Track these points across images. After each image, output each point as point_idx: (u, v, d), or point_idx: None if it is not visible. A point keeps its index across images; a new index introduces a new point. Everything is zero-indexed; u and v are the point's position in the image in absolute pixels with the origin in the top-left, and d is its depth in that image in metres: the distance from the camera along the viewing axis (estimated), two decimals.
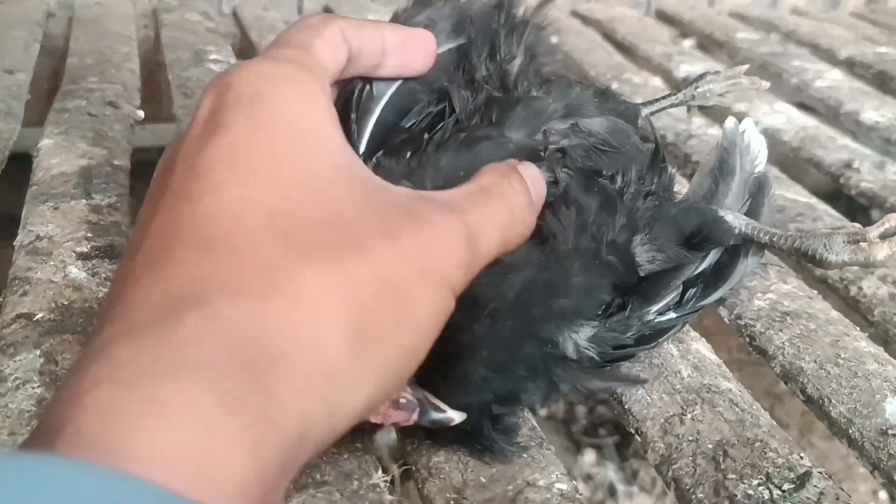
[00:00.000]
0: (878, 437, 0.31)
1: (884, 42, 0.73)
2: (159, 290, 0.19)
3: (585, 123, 0.32)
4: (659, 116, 0.57)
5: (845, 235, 0.32)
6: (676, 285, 0.32)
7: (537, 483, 0.28)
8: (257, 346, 0.18)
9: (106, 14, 0.70)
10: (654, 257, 0.32)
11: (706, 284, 0.33)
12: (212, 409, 0.17)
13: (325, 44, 0.26)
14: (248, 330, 0.18)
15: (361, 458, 0.29)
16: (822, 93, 0.62)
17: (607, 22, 0.77)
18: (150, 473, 0.15)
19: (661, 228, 0.31)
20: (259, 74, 0.23)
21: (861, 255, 0.32)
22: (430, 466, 0.29)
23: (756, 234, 0.33)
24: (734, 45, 0.72)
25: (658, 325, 0.32)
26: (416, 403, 0.26)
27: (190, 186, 0.21)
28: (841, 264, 0.32)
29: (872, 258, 0.32)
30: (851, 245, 0.32)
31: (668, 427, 0.31)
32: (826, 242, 0.32)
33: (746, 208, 0.35)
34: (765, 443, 0.30)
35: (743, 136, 0.35)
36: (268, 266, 0.19)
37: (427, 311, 0.22)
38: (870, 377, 0.33)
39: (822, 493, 0.28)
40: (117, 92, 0.55)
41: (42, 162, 0.46)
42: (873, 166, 0.50)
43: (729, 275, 0.33)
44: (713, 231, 0.32)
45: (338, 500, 0.27)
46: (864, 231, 0.32)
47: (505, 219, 0.25)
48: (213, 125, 0.22)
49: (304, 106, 0.23)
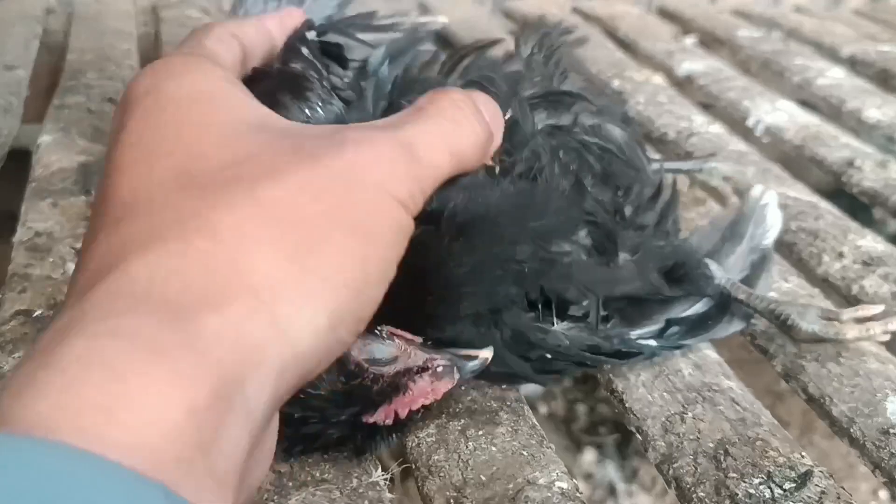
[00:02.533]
0: (879, 437, 0.30)
1: (886, 40, 0.73)
2: (87, 271, 0.20)
3: (609, 129, 0.34)
4: (660, 114, 0.57)
5: (819, 310, 0.34)
6: (659, 320, 0.33)
7: (538, 481, 0.28)
8: (174, 289, 0.19)
9: (106, 10, 0.70)
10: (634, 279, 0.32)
11: (689, 329, 0.33)
12: (121, 355, 0.17)
13: (215, 41, 0.27)
14: (161, 277, 0.19)
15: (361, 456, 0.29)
16: (824, 91, 0.61)
17: (608, 19, 0.77)
18: (54, 431, 0.15)
19: (646, 254, 0.33)
20: (153, 70, 0.24)
21: (832, 331, 0.34)
22: (429, 465, 0.29)
23: (734, 291, 0.34)
24: (736, 43, 0.72)
25: (637, 346, 0.32)
26: (451, 365, 0.27)
27: (107, 181, 0.22)
28: (811, 335, 0.34)
29: (842, 335, 0.34)
30: (824, 320, 0.34)
31: (669, 426, 0.31)
32: (801, 311, 0.34)
33: (744, 276, 0.36)
34: (766, 442, 0.30)
35: (762, 207, 0.37)
36: (181, 217, 0.20)
37: (373, 219, 0.22)
38: (871, 376, 0.33)
39: (823, 493, 0.28)
40: (117, 88, 0.54)
41: (41, 158, 0.46)
42: (875, 165, 0.50)
43: (712, 328, 0.34)
44: (693, 274, 0.33)
45: (337, 499, 0.27)
46: (838, 312, 0.34)
47: (447, 127, 0.25)
48: (117, 130, 0.23)
49: (199, 78, 0.24)
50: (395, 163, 0.23)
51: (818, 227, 0.44)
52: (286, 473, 0.28)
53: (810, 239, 0.43)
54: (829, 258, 0.41)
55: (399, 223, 0.23)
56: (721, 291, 0.34)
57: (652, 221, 0.35)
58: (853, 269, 0.40)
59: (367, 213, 0.22)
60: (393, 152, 0.23)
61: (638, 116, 0.57)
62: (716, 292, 0.34)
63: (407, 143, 0.24)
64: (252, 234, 0.20)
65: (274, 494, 0.27)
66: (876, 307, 0.35)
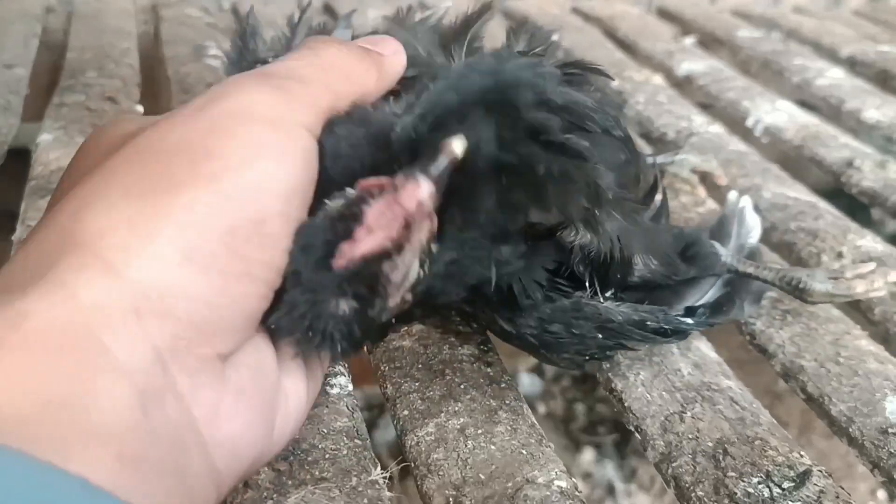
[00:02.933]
0: (878, 436, 0.30)
1: (886, 40, 0.73)
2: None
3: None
4: (660, 114, 0.57)
5: (826, 271, 0.36)
6: (678, 309, 0.33)
7: (536, 480, 0.28)
8: (9, 270, 0.21)
9: (105, 9, 0.70)
10: (649, 262, 0.32)
11: (711, 313, 0.34)
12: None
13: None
14: (9, 265, 0.21)
15: (360, 454, 0.29)
16: (823, 91, 0.61)
17: (608, 19, 0.77)
18: None
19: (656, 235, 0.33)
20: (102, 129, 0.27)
21: (843, 287, 0.35)
22: (428, 463, 0.29)
23: (742, 266, 0.35)
24: (735, 43, 0.72)
25: (677, 322, 0.32)
26: (413, 171, 0.24)
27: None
28: (825, 293, 0.35)
29: (853, 291, 0.35)
30: (832, 279, 0.35)
31: (668, 425, 0.31)
32: (810, 273, 0.35)
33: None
34: (765, 441, 0.30)
35: (741, 210, 0.38)
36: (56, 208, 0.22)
37: (230, 147, 0.22)
38: (870, 376, 0.33)
39: (821, 492, 0.28)
40: (116, 87, 0.54)
41: (41, 157, 0.46)
42: (875, 165, 0.50)
43: (728, 311, 0.34)
44: (701, 251, 0.34)
45: (336, 497, 0.27)
46: (842, 270, 0.36)
47: (314, 55, 0.26)
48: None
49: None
50: (257, 91, 0.24)
51: (818, 226, 0.44)
52: (285, 472, 0.28)
53: (809, 239, 0.43)
54: (828, 258, 0.41)
55: (270, 144, 0.23)
56: (730, 270, 0.34)
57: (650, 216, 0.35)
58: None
59: (222, 143, 0.22)
60: (252, 84, 0.24)
61: (638, 116, 0.57)
62: (724, 270, 0.34)
63: (267, 73, 0.25)
64: (92, 193, 0.22)
65: (273, 493, 0.27)
66: (871, 264, 0.36)
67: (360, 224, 0.23)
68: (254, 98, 0.24)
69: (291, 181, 0.23)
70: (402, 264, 0.24)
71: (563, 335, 0.30)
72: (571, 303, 0.30)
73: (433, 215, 0.25)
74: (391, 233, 0.23)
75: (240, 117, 0.23)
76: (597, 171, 0.27)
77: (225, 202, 0.22)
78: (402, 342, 0.35)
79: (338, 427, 0.30)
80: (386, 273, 0.24)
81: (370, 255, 0.23)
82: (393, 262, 0.24)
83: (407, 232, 0.24)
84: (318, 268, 0.23)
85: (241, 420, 0.23)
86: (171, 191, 0.21)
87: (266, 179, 0.23)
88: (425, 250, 0.25)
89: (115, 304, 0.20)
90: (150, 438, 0.20)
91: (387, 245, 0.23)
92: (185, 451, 0.21)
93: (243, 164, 0.22)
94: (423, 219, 0.24)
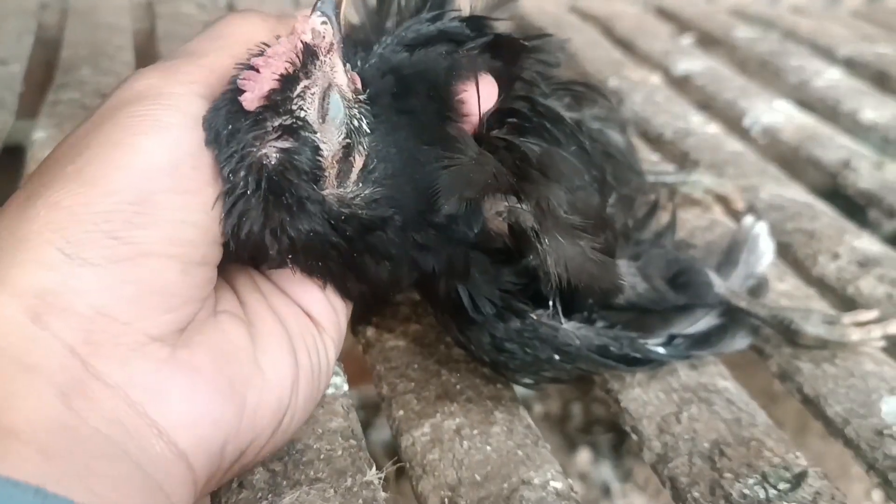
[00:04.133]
0: (873, 437, 0.30)
1: (883, 41, 0.73)
2: None
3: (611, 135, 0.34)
4: (657, 114, 0.57)
5: (821, 315, 0.35)
6: (663, 335, 0.32)
7: (532, 481, 0.28)
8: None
9: (100, 6, 0.69)
10: (637, 284, 0.32)
11: (694, 342, 0.33)
12: None
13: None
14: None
15: (356, 455, 0.28)
16: (820, 92, 0.61)
17: (606, 18, 0.77)
18: None
19: (648, 260, 0.33)
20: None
21: (837, 334, 0.34)
22: (424, 464, 0.29)
23: (735, 299, 0.34)
24: (733, 43, 0.72)
25: (646, 350, 0.32)
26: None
27: None
28: (816, 338, 0.34)
29: (847, 339, 0.34)
30: (826, 324, 0.34)
31: (665, 426, 0.31)
32: (803, 315, 0.34)
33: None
34: (761, 442, 0.30)
35: (754, 235, 0.37)
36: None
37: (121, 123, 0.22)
38: (866, 377, 0.33)
39: (817, 493, 0.28)
40: (111, 84, 0.54)
41: (36, 154, 0.45)
42: (871, 166, 0.50)
43: (717, 343, 0.34)
44: (694, 279, 0.33)
45: (331, 497, 0.27)
46: (838, 316, 0.35)
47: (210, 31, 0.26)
48: None
49: None
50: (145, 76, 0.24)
51: (814, 227, 0.44)
52: (280, 472, 0.27)
53: (806, 239, 0.43)
54: (824, 259, 0.41)
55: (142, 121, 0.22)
56: (722, 301, 0.34)
57: (649, 237, 0.35)
58: (849, 270, 0.40)
59: (93, 134, 0.23)
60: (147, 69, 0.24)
61: (634, 116, 0.57)
62: (716, 301, 0.34)
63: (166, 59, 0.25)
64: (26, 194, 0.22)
65: (268, 493, 0.27)
66: (872, 312, 0.35)
67: (260, 56, 0.23)
68: (138, 83, 0.23)
69: (174, 151, 0.22)
70: (314, 92, 0.24)
71: (517, 354, 0.29)
72: (526, 323, 0.29)
73: (347, 66, 0.25)
74: (291, 58, 0.23)
75: (119, 104, 0.23)
76: (548, 186, 0.27)
77: (90, 192, 0.21)
78: (397, 342, 0.34)
79: (333, 427, 0.29)
80: (297, 99, 0.23)
81: (276, 85, 0.23)
82: (303, 89, 0.23)
83: (310, 59, 0.24)
84: (230, 116, 0.23)
85: (199, 399, 0.23)
86: (39, 196, 0.21)
87: (142, 157, 0.22)
88: (349, 96, 0.25)
89: (9, 317, 0.20)
90: (81, 431, 0.20)
91: (290, 69, 0.23)
92: (132, 437, 0.21)
93: (107, 148, 0.22)
94: (329, 52, 0.24)
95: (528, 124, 0.28)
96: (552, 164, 0.27)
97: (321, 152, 0.24)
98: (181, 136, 0.23)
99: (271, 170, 0.23)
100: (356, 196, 0.25)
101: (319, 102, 0.24)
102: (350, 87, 0.25)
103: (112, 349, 0.21)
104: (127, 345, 0.22)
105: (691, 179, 0.45)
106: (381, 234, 0.26)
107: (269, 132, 0.23)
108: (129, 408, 0.21)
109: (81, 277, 0.21)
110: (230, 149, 0.23)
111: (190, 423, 0.22)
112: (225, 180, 0.23)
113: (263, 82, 0.23)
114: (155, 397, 0.22)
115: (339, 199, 0.24)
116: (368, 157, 0.25)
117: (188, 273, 0.23)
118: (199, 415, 0.23)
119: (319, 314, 0.28)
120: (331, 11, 0.24)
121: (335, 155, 0.24)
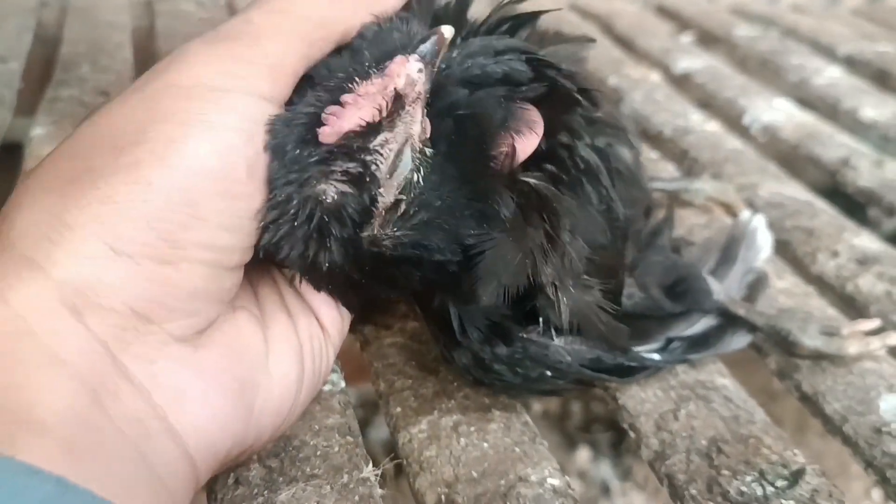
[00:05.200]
0: (872, 435, 0.30)
1: (883, 40, 0.73)
2: None
3: (618, 151, 0.33)
4: (657, 112, 0.57)
5: (820, 325, 0.34)
6: (660, 339, 0.32)
7: (529, 478, 0.28)
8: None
9: (99, 3, 0.69)
10: (634, 294, 0.32)
11: (691, 345, 0.33)
12: None
13: None
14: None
15: (352, 451, 0.28)
16: (820, 90, 0.61)
17: (606, 16, 0.77)
18: None
19: (645, 268, 0.32)
20: None
21: (834, 346, 0.33)
22: (421, 461, 0.29)
23: (733, 306, 0.34)
24: (733, 41, 0.72)
25: (640, 359, 0.31)
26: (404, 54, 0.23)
27: None
28: (813, 350, 0.33)
29: (844, 351, 0.33)
30: (824, 335, 0.33)
31: (662, 423, 0.31)
32: (801, 325, 0.34)
33: (742, 297, 0.35)
34: (759, 439, 0.30)
35: (751, 229, 0.37)
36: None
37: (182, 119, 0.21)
38: (864, 374, 0.33)
39: (815, 491, 0.28)
40: (110, 81, 0.54)
41: (34, 151, 0.45)
42: (871, 164, 0.50)
43: (713, 345, 0.33)
44: (693, 286, 0.33)
45: (328, 494, 0.27)
46: (838, 327, 0.34)
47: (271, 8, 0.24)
48: None
49: None
50: (201, 61, 0.22)
51: (813, 225, 0.43)
52: (276, 468, 0.27)
53: (805, 237, 0.43)
54: (824, 257, 0.41)
55: (203, 121, 0.21)
56: (720, 307, 0.33)
57: (645, 239, 0.35)
58: (848, 268, 0.40)
59: (149, 125, 0.21)
60: (200, 47, 0.23)
61: (634, 114, 0.57)
62: (714, 308, 0.33)
63: (221, 34, 0.23)
64: (22, 191, 0.21)
65: (264, 489, 0.27)
66: (873, 321, 0.35)
67: (349, 93, 0.23)
68: (194, 69, 0.22)
69: (230, 158, 0.22)
70: (392, 148, 0.23)
71: (506, 376, 0.29)
72: (516, 346, 0.29)
73: (425, 116, 0.24)
74: (380, 103, 0.23)
75: (175, 93, 0.22)
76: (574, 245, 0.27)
77: (147, 190, 0.21)
78: (395, 339, 0.34)
79: (329, 424, 0.29)
80: (374, 152, 0.23)
81: (358, 129, 0.22)
82: (382, 141, 0.23)
83: (397, 109, 0.23)
84: (302, 141, 0.22)
85: (213, 403, 0.23)
86: (90, 183, 0.21)
87: (196, 160, 0.21)
88: (417, 149, 0.24)
89: (47, 305, 0.20)
90: (106, 429, 0.20)
91: (375, 117, 0.23)
92: (149, 438, 0.21)
93: (169, 146, 0.21)
94: (415, 102, 0.23)
95: (565, 176, 0.27)
96: (581, 223, 0.27)
97: (377, 203, 0.24)
98: (237, 141, 0.22)
99: (325, 208, 0.23)
100: (387, 238, 0.25)
101: (393, 160, 0.23)
102: (422, 136, 0.24)
103: (139, 348, 0.21)
104: (153, 344, 0.22)
105: (693, 187, 0.45)
106: (396, 270, 0.26)
107: (335, 172, 0.23)
108: (150, 409, 0.21)
109: (122, 274, 0.21)
110: (291, 170, 0.22)
111: (202, 427, 0.22)
112: (274, 196, 0.23)
113: (346, 121, 0.22)
114: (174, 399, 0.22)
115: (371, 240, 0.24)
116: (411, 204, 0.25)
117: (220, 277, 0.23)
118: (211, 418, 0.23)
119: (327, 318, 0.28)
120: (429, 57, 0.24)
121: (386, 205, 0.24)
